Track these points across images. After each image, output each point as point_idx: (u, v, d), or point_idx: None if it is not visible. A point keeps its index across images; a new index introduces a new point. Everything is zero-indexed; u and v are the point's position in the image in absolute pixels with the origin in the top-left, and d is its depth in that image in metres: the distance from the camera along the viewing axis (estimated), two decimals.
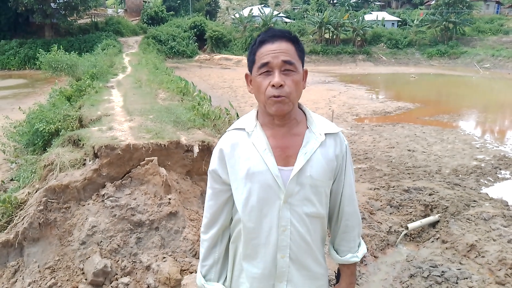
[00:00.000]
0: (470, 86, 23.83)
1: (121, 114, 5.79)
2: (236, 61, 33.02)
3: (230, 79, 22.97)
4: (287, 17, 51.00)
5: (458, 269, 4.14)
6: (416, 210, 5.54)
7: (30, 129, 6.65)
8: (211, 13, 50.82)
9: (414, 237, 5.05)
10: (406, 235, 5.01)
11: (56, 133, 5.94)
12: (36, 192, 4.06)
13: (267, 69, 1.44)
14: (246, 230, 1.54)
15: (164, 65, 21.90)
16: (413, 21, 39.25)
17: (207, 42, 36.97)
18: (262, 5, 49.07)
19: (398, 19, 46.69)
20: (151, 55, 25.45)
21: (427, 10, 43.20)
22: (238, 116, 7.21)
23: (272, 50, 1.43)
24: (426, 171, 7.40)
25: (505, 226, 4.83)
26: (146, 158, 4.16)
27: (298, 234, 1.51)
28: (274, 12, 40.95)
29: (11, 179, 6.15)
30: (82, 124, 5.93)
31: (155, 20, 39.20)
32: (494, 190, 6.61)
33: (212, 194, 1.62)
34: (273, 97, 1.42)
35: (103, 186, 4.04)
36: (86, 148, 4.32)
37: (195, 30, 36.79)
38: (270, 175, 1.47)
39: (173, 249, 3.76)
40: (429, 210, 5.54)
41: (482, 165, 7.95)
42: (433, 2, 42.40)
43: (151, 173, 4.09)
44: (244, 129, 1.54)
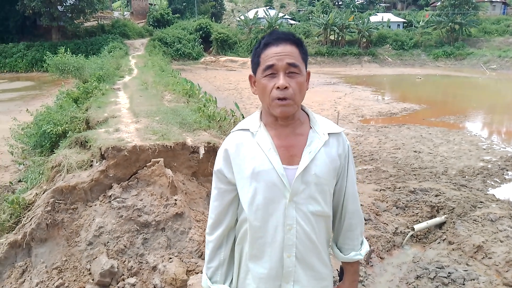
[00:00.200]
0: (477, 87, 23.68)
1: (127, 116, 5.83)
2: (241, 63, 33.13)
3: (236, 81, 23.02)
4: (292, 19, 51.06)
5: (464, 270, 4.12)
6: (422, 211, 5.51)
7: (38, 131, 6.71)
8: (217, 15, 51.07)
9: (421, 238, 5.02)
10: (412, 236, 4.99)
11: (63, 134, 6.00)
12: (43, 193, 4.10)
13: (272, 71, 1.45)
14: (252, 229, 1.54)
15: (170, 67, 22.01)
16: (418, 22, 39.15)
17: (213, 44, 37.13)
18: (268, 7, 49.16)
19: (404, 21, 46.58)
20: (157, 57, 25.59)
21: (433, 11, 43.04)
22: (244, 117, 7.23)
23: (277, 53, 1.45)
24: (432, 172, 7.35)
25: None
26: (153, 160, 4.19)
27: (304, 233, 1.52)
28: (280, 14, 41.02)
29: (19, 180, 6.21)
30: (89, 125, 5.98)
31: (161, 22, 39.46)
32: (501, 191, 6.56)
33: (217, 194, 1.62)
34: (278, 99, 1.44)
35: (110, 187, 4.08)
36: (93, 149, 4.36)
37: (201, 32, 36.99)
38: (275, 174, 1.48)
39: (179, 249, 3.77)
40: (435, 211, 5.51)
41: (489, 166, 7.90)
42: (438, 3, 42.24)
43: (157, 174, 4.12)
44: (248, 129, 1.55)
